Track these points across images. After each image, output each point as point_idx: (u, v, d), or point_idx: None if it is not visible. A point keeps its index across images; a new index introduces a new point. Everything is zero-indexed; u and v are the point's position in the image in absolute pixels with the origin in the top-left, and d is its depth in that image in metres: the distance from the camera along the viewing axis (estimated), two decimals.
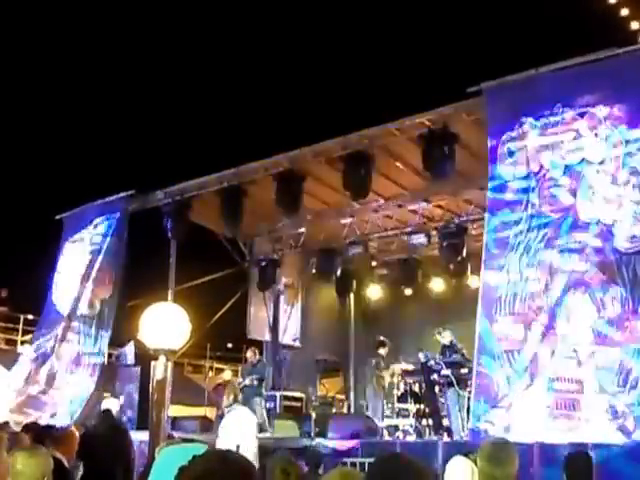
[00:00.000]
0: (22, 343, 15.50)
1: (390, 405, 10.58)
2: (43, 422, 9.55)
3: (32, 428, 5.81)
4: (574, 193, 7.53)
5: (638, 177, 7.16)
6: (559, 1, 12.57)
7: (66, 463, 4.49)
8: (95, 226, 12.66)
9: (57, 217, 13.58)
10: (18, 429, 6.37)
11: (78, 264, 12.67)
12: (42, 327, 12.96)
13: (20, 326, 15.59)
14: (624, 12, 11.79)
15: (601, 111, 7.51)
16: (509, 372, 7.27)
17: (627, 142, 7.30)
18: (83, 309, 12.18)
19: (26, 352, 12.87)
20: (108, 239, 12.25)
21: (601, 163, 7.42)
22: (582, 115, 7.63)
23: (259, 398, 11.28)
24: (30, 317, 15.83)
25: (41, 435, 5.12)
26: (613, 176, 7.32)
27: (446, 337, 10.36)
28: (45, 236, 15.09)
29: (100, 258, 12.23)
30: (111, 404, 7.86)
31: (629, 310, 6.77)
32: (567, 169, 7.64)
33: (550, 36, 13.79)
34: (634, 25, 11.66)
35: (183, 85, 18.46)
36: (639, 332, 6.65)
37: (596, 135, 7.52)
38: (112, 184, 13.23)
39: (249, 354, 12.10)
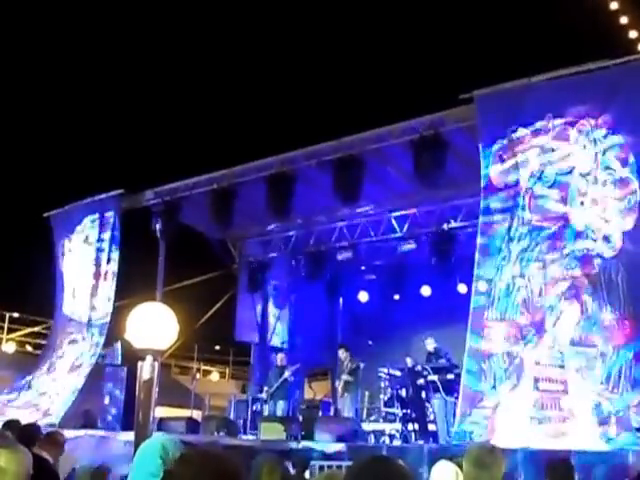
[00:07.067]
0: (7, 341, 15.34)
1: (376, 409, 10.58)
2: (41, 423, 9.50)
3: (13, 426, 5.72)
4: (563, 203, 7.62)
5: (625, 188, 7.25)
6: (557, 9, 12.59)
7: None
8: (91, 226, 12.53)
9: (45, 215, 13.51)
10: None
11: (83, 266, 12.53)
12: (55, 333, 12.77)
13: (5, 324, 15.41)
14: (623, 20, 11.76)
15: (591, 121, 7.58)
16: (496, 375, 7.35)
17: (616, 153, 7.38)
18: (91, 312, 12.11)
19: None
20: (109, 240, 12.17)
21: (589, 173, 7.51)
22: (572, 125, 7.70)
23: (283, 401, 11.22)
24: (15, 315, 15.66)
25: (24, 434, 5.06)
26: (601, 186, 7.41)
27: (430, 344, 10.39)
28: (31, 234, 14.96)
29: (105, 259, 12.18)
30: None
31: (613, 313, 6.90)
32: (556, 179, 7.72)
33: (547, 44, 13.84)
34: (632, 34, 11.66)
35: (175, 84, 18.41)
36: (620, 333, 6.81)
37: (585, 145, 7.60)
38: (100, 183, 13.16)
39: (280, 357, 12.00)
